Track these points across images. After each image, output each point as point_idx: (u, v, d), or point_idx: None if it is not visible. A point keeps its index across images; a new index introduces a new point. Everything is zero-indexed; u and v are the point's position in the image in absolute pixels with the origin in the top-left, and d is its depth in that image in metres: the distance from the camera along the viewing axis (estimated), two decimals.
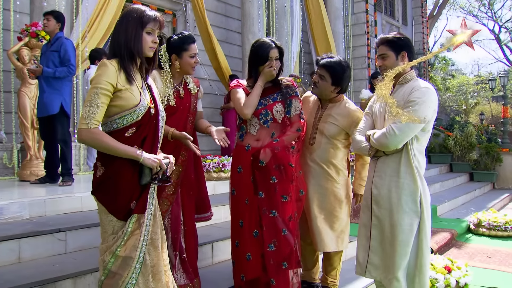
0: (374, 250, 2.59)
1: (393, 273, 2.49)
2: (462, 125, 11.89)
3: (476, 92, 29.08)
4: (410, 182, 2.47)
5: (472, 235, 5.85)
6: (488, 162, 10.30)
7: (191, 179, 2.92)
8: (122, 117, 1.95)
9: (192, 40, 2.83)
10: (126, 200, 1.96)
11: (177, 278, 2.81)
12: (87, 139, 1.90)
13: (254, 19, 8.64)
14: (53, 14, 4.70)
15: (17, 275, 2.62)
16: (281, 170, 2.72)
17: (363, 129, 2.72)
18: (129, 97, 1.96)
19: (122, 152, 1.91)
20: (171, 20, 9.26)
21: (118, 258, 1.92)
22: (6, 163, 5.37)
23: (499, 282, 3.88)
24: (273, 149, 2.70)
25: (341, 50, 11.12)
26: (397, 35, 2.59)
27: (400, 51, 2.54)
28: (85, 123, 1.87)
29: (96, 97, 1.88)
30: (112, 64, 1.93)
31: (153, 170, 1.97)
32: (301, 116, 2.82)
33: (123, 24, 1.99)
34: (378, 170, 2.58)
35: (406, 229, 2.46)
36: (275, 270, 2.70)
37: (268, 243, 2.70)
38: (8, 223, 3.22)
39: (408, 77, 2.55)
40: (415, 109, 2.37)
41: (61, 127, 4.59)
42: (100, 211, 1.99)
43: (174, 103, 2.79)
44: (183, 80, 2.93)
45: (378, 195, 2.57)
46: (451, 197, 7.56)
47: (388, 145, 2.44)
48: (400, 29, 15.31)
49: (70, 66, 4.54)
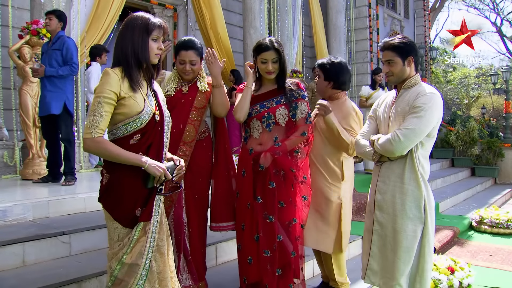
0: (374, 255, 2.60)
1: (396, 279, 2.48)
2: (464, 119, 11.85)
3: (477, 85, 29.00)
4: (415, 188, 2.46)
5: (474, 232, 5.85)
6: (490, 157, 10.29)
7: (198, 182, 2.90)
8: (126, 124, 1.96)
9: (183, 47, 2.80)
10: (131, 207, 1.97)
11: (182, 279, 2.82)
12: (91, 148, 1.92)
13: (255, 14, 8.57)
14: (56, 13, 4.67)
15: (22, 279, 2.63)
16: (281, 175, 2.70)
17: (366, 133, 2.69)
18: (132, 105, 1.96)
19: (127, 160, 1.92)
20: (172, 15, 9.21)
21: (124, 265, 1.93)
22: (8, 162, 5.36)
23: (502, 281, 3.88)
24: (273, 154, 2.67)
25: (342, 44, 11.06)
26: (403, 39, 2.52)
27: (407, 56, 2.49)
28: (89, 132, 1.89)
29: (100, 106, 1.89)
30: (114, 73, 1.94)
31: (156, 178, 1.96)
32: (307, 120, 2.76)
33: (129, 32, 1.99)
34: (382, 175, 2.57)
35: (409, 235, 2.46)
36: (270, 276, 2.69)
37: (263, 248, 2.70)
38: (12, 226, 3.22)
39: (413, 81, 2.51)
40: (420, 115, 2.35)
41: (65, 126, 4.59)
42: (106, 218, 2.00)
43: (173, 94, 2.83)
44: (195, 80, 2.92)
45: (381, 201, 2.55)
46: (453, 193, 7.56)
47: (393, 151, 2.42)
48: (402, 22, 15.21)
49: (72, 65, 4.53)
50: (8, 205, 3.35)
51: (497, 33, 29.96)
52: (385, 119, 2.60)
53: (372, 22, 12.78)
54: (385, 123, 2.60)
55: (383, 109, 2.65)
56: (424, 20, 16.24)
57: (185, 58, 2.79)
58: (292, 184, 2.72)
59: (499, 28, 29.54)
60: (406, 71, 2.50)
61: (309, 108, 2.79)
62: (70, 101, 4.63)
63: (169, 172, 1.99)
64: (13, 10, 5.81)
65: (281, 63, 2.76)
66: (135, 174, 1.95)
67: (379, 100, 2.78)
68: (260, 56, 2.74)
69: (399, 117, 2.47)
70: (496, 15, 29.41)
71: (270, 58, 2.71)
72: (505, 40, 29.69)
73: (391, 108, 2.56)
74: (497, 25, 29.52)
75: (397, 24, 14.88)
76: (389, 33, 14.25)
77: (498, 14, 29.13)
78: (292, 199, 2.73)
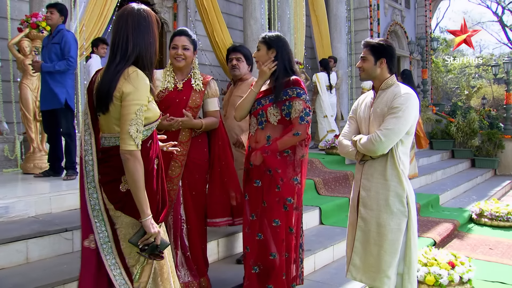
0: (357, 251, 2.71)
1: (383, 272, 2.59)
2: (464, 110, 11.83)
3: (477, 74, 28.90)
4: (397, 184, 2.57)
5: (474, 225, 5.88)
6: (490, 148, 10.29)
7: (195, 178, 2.91)
8: (149, 129, 1.94)
9: (176, 33, 2.87)
10: (155, 208, 1.97)
11: (181, 276, 2.84)
12: (129, 162, 1.82)
13: (256, 4, 8.48)
14: (57, 7, 4.62)
15: (25, 277, 2.64)
16: (270, 175, 2.67)
17: (348, 133, 2.81)
18: (154, 108, 1.97)
19: (139, 195, 1.85)
20: (172, 5, 9.12)
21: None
22: (8, 155, 5.35)
23: (502, 275, 3.92)
24: (262, 152, 2.67)
25: (343, 34, 10.97)
26: (381, 41, 2.66)
27: (380, 57, 2.62)
28: (134, 144, 1.82)
29: (141, 115, 1.84)
30: (145, 76, 1.89)
31: (146, 237, 1.88)
32: (302, 119, 2.63)
33: (147, 31, 1.91)
34: (365, 173, 2.68)
35: (394, 229, 2.57)
36: (248, 272, 2.75)
37: (246, 244, 2.79)
38: (14, 222, 3.23)
39: (390, 82, 2.64)
40: (399, 116, 2.49)
41: (66, 121, 4.57)
42: (126, 226, 1.94)
43: (167, 94, 2.83)
44: (189, 76, 2.91)
45: (366, 197, 2.67)
46: (453, 185, 7.59)
47: (375, 151, 2.54)
48: (403, 12, 15.10)
49: (69, 59, 4.48)
50: (10, 201, 3.35)
51: (498, 22, 29.79)
52: (365, 119, 2.72)
53: (373, 12, 12.67)
54: (366, 123, 2.71)
55: (363, 110, 2.77)
56: (425, 10, 16.10)
57: (178, 43, 2.83)
58: (277, 185, 2.65)
59: (500, 18, 29.36)
60: (376, 71, 2.63)
61: (306, 106, 2.66)
62: (71, 95, 4.60)
63: (160, 244, 1.91)
64: (12, 1, 5.75)
65: (278, 59, 2.73)
66: (155, 183, 1.98)
67: (359, 101, 2.88)
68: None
69: (378, 118, 2.60)
70: (497, 5, 29.22)
71: (256, 48, 2.80)
72: (506, 30, 29.52)
73: (370, 108, 2.68)
74: (498, 14, 29.37)
75: (398, 14, 14.76)
76: (390, 24, 14.17)
77: (499, 4, 28.93)
78: (279, 200, 2.66)
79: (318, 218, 4.71)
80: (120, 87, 1.83)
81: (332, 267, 3.85)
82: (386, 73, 2.65)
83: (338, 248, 4.02)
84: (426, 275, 3.42)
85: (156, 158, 2.03)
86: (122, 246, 1.94)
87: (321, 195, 5.42)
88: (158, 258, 1.93)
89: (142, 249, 1.88)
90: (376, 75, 2.65)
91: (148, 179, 1.92)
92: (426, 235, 4.83)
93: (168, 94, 2.84)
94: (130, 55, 1.87)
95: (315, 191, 5.46)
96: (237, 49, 3.49)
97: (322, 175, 5.89)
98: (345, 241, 2.88)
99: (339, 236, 4.18)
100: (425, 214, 5.86)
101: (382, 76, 2.65)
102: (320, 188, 5.51)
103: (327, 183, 5.69)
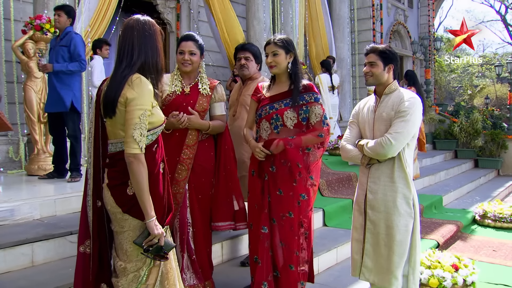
0: (368, 253, 2.74)
1: (392, 272, 2.63)
2: (467, 110, 11.80)
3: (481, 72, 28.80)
4: (404, 186, 2.63)
5: (478, 226, 5.87)
6: (493, 148, 10.27)
7: (201, 182, 2.93)
8: (154, 133, 1.98)
9: (183, 39, 2.89)
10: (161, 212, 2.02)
11: (186, 279, 2.85)
12: (133, 165, 1.87)
13: (259, 4, 8.48)
14: (65, 9, 4.62)
15: (31, 280, 2.66)
16: (287, 167, 2.71)
17: (350, 138, 2.85)
18: (158, 113, 2.01)
19: (143, 198, 1.89)
20: (175, 6, 9.11)
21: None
22: (13, 157, 5.37)
23: (506, 278, 3.91)
24: (286, 144, 2.69)
25: (346, 34, 10.97)
26: (388, 48, 2.73)
27: (388, 63, 2.69)
28: (138, 147, 1.87)
29: (145, 119, 1.89)
30: (149, 82, 1.95)
31: (150, 238, 1.92)
32: (323, 123, 2.77)
33: (152, 39, 1.98)
34: (372, 176, 2.72)
35: (402, 230, 2.61)
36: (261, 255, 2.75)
37: (262, 225, 2.76)
38: (20, 225, 3.24)
39: (393, 87, 2.71)
40: (407, 119, 2.56)
41: (72, 123, 4.59)
42: (133, 228, 1.97)
43: (175, 97, 2.84)
44: (196, 80, 2.93)
45: (373, 200, 2.70)
46: (456, 186, 7.57)
47: (385, 154, 2.59)
48: (406, 12, 15.08)
49: (81, 61, 4.51)
50: (16, 204, 3.37)
51: (502, 21, 29.68)
52: (369, 124, 2.76)
53: (376, 12, 12.66)
54: (369, 127, 2.75)
55: (366, 114, 2.80)
56: (428, 10, 16.08)
57: (185, 48, 2.86)
58: (295, 179, 2.71)
59: (503, 17, 29.26)
60: (384, 76, 2.69)
61: (323, 110, 2.80)
62: (78, 98, 4.62)
63: (165, 245, 1.95)
64: (15, 3, 5.78)
65: (294, 63, 2.79)
66: (162, 187, 2.01)
67: (360, 106, 2.92)
68: (265, 50, 2.85)
69: (385, 122, 2.65)
70: (501, 3, 29.11)
71: (270, 51, 2.80)
72: (510, 29, 29.41)
73: (374, 113, 2.74)
74: (502, 13, 29.25)
75: (401, 14, 14.74)
76: (393, 23, 14.15)
77: (503, 2, 28.82)
78: (293, 194, 2.71)
79: (322, 220, 4.72)
80: (125, 93, 1.89)
81: (336, 269, 3.86)
82: (391, 78, 2.72)
83: (341, 250, 4.03)
84: (429, 278, 3.42)
85: (162, 162, 2.07)
86: (130, 249, 1.98)
87: (324, 196, 5.42)
88: (163, 259, 1.98)
89: (146, 250, 1.92)
90: (384, 80, 2.71)
91: (154, 183, 1.96)
92: (430, 237, 4.83)
93: (176, 98, 2.87)
94: (135, 62, 1.94)
95: (318, 192, 5.44)
96: (245, 47, 3.45)
97: (325, 176, 5.89)
98: (349, 243, 2.90)
99: (342, 238, 4.18)
100: (428, 215, 5.85)
101: (387, 81, 2.71)
102: (323, 189, 5.52)
103: (330, 184, 5.69)
